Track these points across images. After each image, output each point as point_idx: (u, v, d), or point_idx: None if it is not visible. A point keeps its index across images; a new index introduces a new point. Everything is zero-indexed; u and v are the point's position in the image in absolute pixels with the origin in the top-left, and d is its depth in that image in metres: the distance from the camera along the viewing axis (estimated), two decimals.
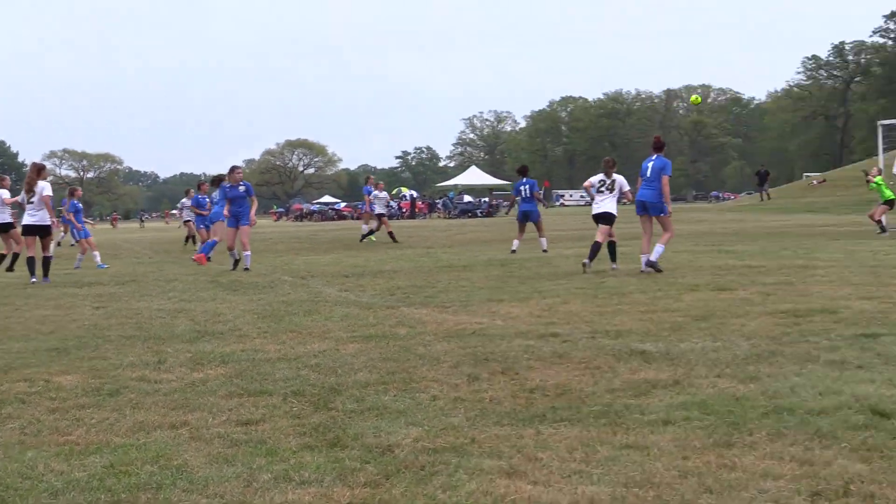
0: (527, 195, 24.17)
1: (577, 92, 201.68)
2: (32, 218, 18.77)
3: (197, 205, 29.63)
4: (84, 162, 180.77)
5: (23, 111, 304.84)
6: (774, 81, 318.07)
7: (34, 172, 19.35)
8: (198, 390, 7.52)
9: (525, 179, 24.32)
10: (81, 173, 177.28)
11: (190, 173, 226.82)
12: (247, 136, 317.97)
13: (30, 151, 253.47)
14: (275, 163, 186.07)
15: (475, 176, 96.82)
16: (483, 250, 25.54)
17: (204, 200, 29.01)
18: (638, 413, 6.25)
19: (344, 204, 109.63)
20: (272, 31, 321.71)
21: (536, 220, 23.98)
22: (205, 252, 23.52)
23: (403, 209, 77.89)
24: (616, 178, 17.83)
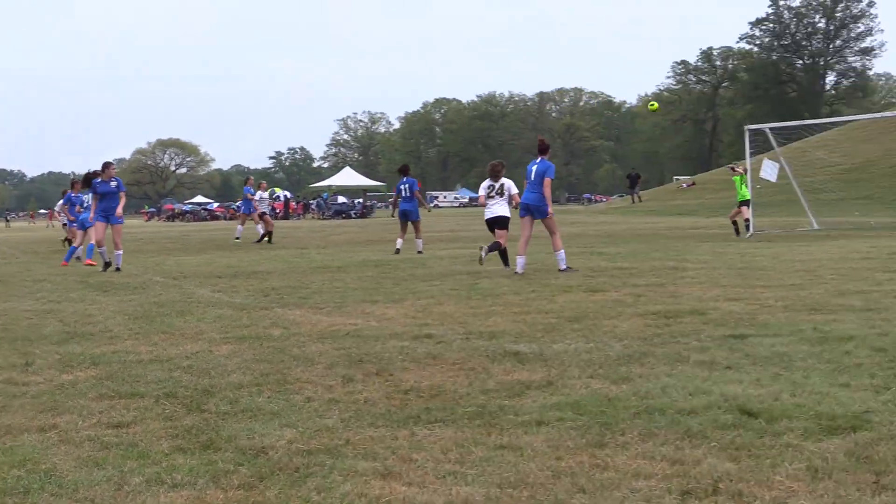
0: (407, 194, 24.30)
1: (451, 94, 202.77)
2: None
3: (69, 203, 29.11)
4: None
5: None
6: (645, 86, 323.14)
7: None
8: (67, 392, 7.38)
9: (406, 179, 24.51)
10: None
11: (59, 172, 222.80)
12: (118, 135, 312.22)
13: None
14: (146, 162, 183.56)
15: (349, 177, 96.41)
16: (357, 251, 25.50)
17: (78, 199, 28.52)
18: (512, 414, 6.29)
19: (217, 204, 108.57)
20: (142, 29, 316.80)
21: (415, 221, 24.07)
22: (67, 259, 23.30)
23: (277, 210, 77.36)
24: (504, 182, 17.93)
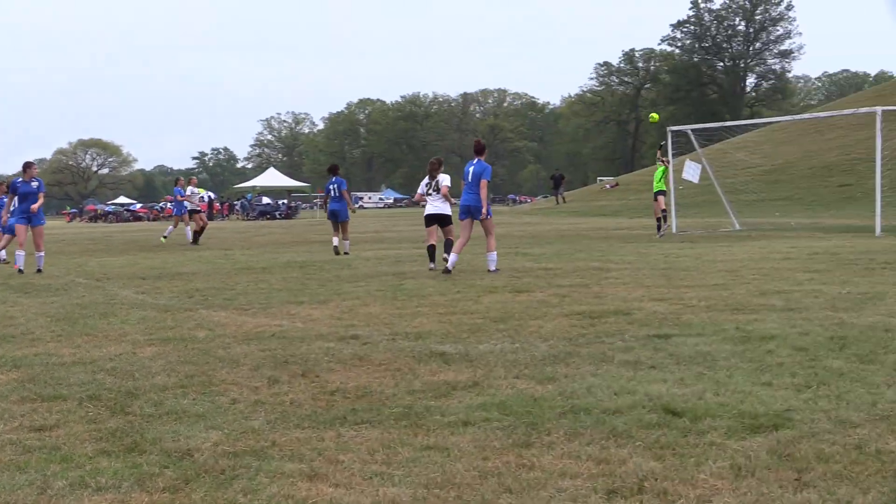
0: (336, 194, 24.32)
1: (375, 94, 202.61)
2: None
3: None
4: None
5: None
6: (568, 87, 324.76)
7: None
8: None
9: (335, 178, 24.57)
10: None
11: None
12: (36, 135, 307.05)
13: None
14: (67, 162, 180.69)
15: (273, 177, 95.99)
16: (282, 252, 25.37)
17: (1, 202, 28.17)
18: (438, 414, 6.32)
19: (140, 205, 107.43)
20: (64, 26, 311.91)
21: (343, 221, 24.04)
22: None
23: (202, 211, 76.74)
24: (439, 178, 17.98)
